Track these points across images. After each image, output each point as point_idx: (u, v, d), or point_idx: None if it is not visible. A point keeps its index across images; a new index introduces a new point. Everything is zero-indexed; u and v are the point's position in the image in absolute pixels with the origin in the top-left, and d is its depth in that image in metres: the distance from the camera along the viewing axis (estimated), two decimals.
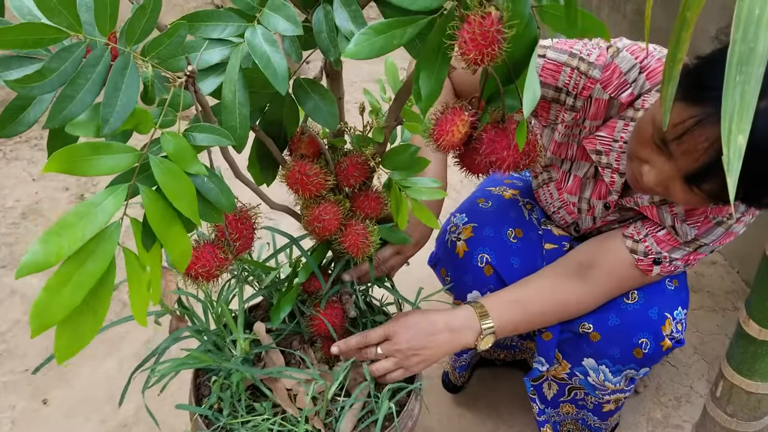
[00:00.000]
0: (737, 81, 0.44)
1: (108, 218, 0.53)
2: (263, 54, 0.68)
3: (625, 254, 1.08)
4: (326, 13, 0.72)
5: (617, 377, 1.14)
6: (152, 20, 0.51)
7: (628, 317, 1.10)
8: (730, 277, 1.86)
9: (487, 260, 1.18)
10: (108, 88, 0.50)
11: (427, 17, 0.64)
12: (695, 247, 1.05)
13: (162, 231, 0.55)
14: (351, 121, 0.89)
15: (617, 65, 1.01)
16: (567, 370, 1.22)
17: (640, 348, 1.10)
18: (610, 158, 1.07)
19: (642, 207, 1.08)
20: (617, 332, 1.11)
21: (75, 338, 0.50)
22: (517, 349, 1.44)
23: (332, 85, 0.86)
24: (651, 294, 1.12)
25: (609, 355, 1.13)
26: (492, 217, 1.22)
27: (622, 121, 1.04)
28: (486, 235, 1.20)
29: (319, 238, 0.89)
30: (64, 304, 0.48)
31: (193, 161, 0.56)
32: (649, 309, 1.10)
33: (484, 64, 0.62)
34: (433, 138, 0.74)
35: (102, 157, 0.52)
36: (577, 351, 1.18)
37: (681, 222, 1.04)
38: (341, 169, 0.88)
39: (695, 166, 0.85)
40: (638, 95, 1.02)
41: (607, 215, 1.16)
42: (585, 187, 1.16)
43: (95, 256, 0.52)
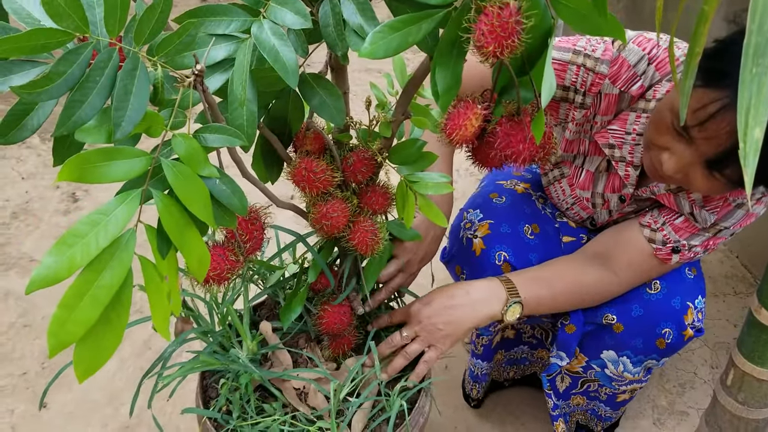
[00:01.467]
0: (753, 73, 0.43)
1: (122, 226, 0.51)
2: (272, 48, 0.65)
3: (644, 244, 1.07)
4: (333, 6, 0.70)
5: (637, 368, 1.14)
6: (162, 21, 0.49)
7: (651, 307, 1.10)
8: (730, 262, 1.86)
9: (505, 258, 1.16)
10: (118, 92, 0.48)
11: (442, 11, 0.62)
12: (715, 231, 1.04)
13: (178, 236, 0.53)
14: (355, 115, 0.87)
15: (625, 58, 0.99)
16: (582, 363, 1.21)
17: (663, 338, 1.09)
18: (623, 151, 1.06)
19: (659, 195, 1.07)
20: (641, 323, 1.10)
21: (95, 355, 0.48)
22: (527, 361, 1.42)
23: (337, 80, 0.84)
24: (673, 283, 1.11)
25: (631, 346, 1.12)
26: (507, 213, 1.21)
27: (634, 113, 1.02)
28: (503, 232, 1.18)
29: (326, 236, 0.87)
30: (82, 321, 0.46)
31: (206, 163, 0.54)
32: (672, 299, 1.10)
33: (504, 56, 0.60)
34: (446, 133, 0.72)
35: (114, 163, 0.49)
36: (597, 344, 1.17)
37: (699, 208, 1.03)
38: (348, 165, 0.86)
39: (717, 152, 0.84)
40: (649, 86, 1.00)
41: (623, 207, 1.15)
42: (597, 182, 1.15)
43: (111, 268, 0.50)
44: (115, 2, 0.45)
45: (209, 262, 0.56)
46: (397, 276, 1.04)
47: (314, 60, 0.75)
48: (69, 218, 2.02)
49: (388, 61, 0.89)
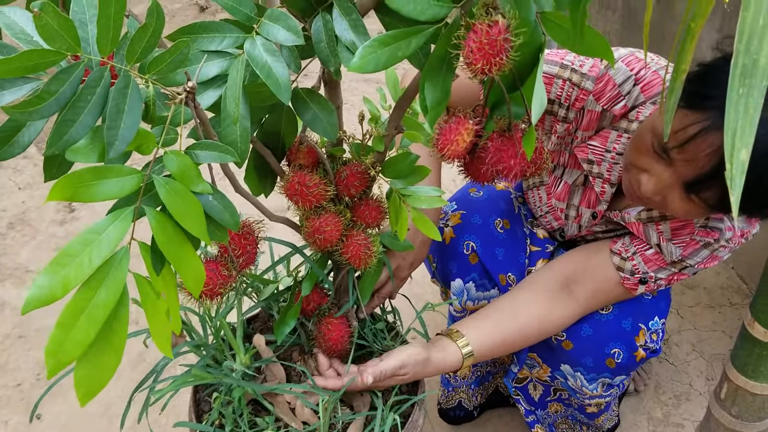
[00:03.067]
0: (740, 94, 0.43)
1: (115, 244, 0.51)
2: (264, 64, 0.66)
3: (612, 272, 1.07)
4: (325, 23, 0.71)
5: (593, 384, 1.14)
6: (154, 40, 0.49)
7: (601, 328, 1.10)
8: (726, 273, 1.87)
9: (473, 248, 1.18)
10: (110, 111, 0.48)
11: (432, 27, 0.63)
12: (680, 267, 1.04)
13: (172, 253, 0.54)
14: (348, 129, 0.88)
15: (611, 77, 0.99)
16: (548, 373, 1.22)
17: (612, 358, 1.09)
18: (601, 168, 1.06)
19: (628, 223, 1.07)
20: (590, 342, 1.10)
21: (96, 375, 0.48)
22: (491, 375, 1.41)
23: (330, 94, 0.84)
24: (625, 305, 1.12)
25: (582, 363, 1.12)
26: (482, 205, 1.22)
27: (616, 132, 1.02)
28: (473, 223, 1.20)
29: (320, 250, 0.87)
30: (80, 340, 0.46)
31: (198, 179, 0.55)
32: (623, 320, 1.10)
33: (492, 73, 0.60)
34: (437, 148, 0.72)
35: (105, 182, 0.50)
36: (553, 357, 1.18)
37: (666, 241, 1.03)
38: (341, 178, 0.86)
39: (696, 174, 0.84)
40: (632, 107, 1.00)
41: (593, 225, 1.16)
42: (573, 194, 1.15)
43: (106, 286, 0.50)
44: (108, 22, 0.46)
45: (204, 279, 0.56)
46: (387, 283, 1.04)
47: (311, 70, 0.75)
48: (65, 228, 2.02)
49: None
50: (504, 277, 1.19)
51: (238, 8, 0.68)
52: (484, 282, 1.21)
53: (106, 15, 0.46)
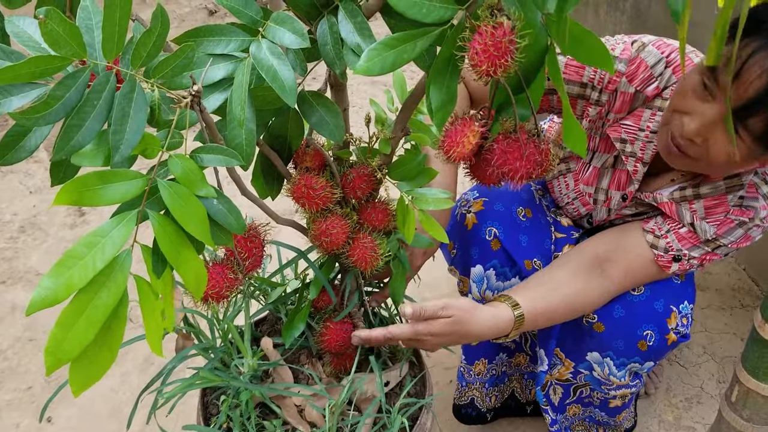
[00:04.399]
0: None
1: (118, 247, 0.51)
2: (270, 67, 0.66)
3: (645, 250, 1.07)
4: (331, 25, 0.71)
5: (621, 371, 1.13)
6: (159, 44, 0.49)
7: (633, 309, 1.09)
8: (737, 275, 1.85)
9: (495, 234, 1.17)
10: (116, 115, 0.48)
11: (437, 29, 0.63)
12: (714, 247, 1.04)
13: (174, 256, 0.54)
14: (356, 131, 0.88)
15: (643, 59, 1.02)
16: (571, 369, 1.21)
17: (644, 340, 1.09)
18: (635, 147, 1.07)
19: (660, 204, 1.07)
20: (622, 324, 1.10)
21: (89, 373, 0.49)
22: (506, 377, 1.40)
23: (337, 97, 0.84)
24: (657, 286, 1.11)
25: (613, 347, 1.12)
26: (503, 195, 1.22)
27: (650, 111, 1.04)
28: (496, 210, 1.19)
29: (326, 252, 0.87)
30: (78, 340, 0.47)
31: (203, 183, 0.55)
32: (655, 301, 1.10)
33: (497, 75, 0.60)
34: (443, 150, 0.72)
35: (111, 186, 0.50)
36: (580, 346, 1.17)
37: (700, 219, 1.03)
38: (347, 181, 0.86)
39: (745, 100, 0.84)
40: (664, 88, 1.02)
41: (623, 207, 1.15)
42: (602, 177, 1.16)
43: (107, 288, 0.50)
44: (113, 29, 0.46)
45: (206, 280, 0.56)
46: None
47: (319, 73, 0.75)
48: (75, 232, 2.04)
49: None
50: (530, 262, 1.18)
51: (244, 11, 0.68)
52: (505, 270, 1.20)
53: (111, 21, 0.46)
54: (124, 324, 0.51)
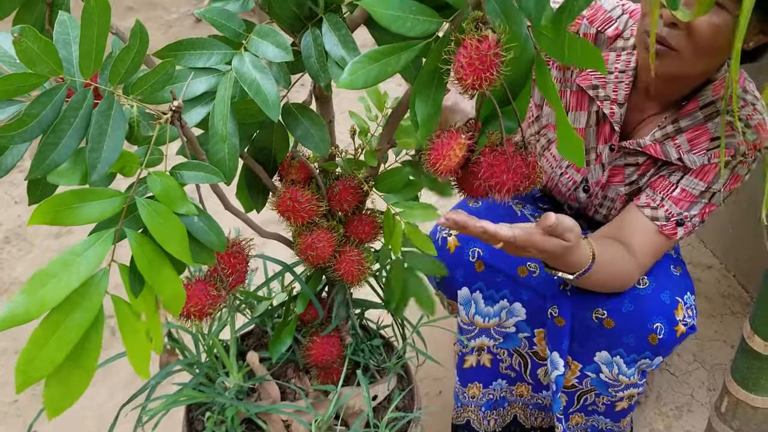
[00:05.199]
0: None
1: (94, 266, 0.50)
2: (253, 81, 0.65)
3: (648, 223, 1.09)
4: (315, 38, 0.70)
5: (631, 368, 1.13)
6: (138, 60, 0.48)
7: (642, 302, 1.09)
8: (727, 281, 1.85)
9: (479, 254, 1.17)
10: (93, 133, 0.47)
11: (422, 42, 0.62)
12: (709, 197, 1.07)
13: (151, 275, 0.53)
14: (341, 142, 0.87)
15: (601, 4, 1.10)
16: (577, 373, 1.19)
17: (655, 333, 1.09)
18: (607, 90, 1.11)
19: (645, 147, 1.10)
20: (632, 318, 1.09)
21: (64, 395, 0.48)
22: (506, 402, 1.36)
23: (322, 109, 0.83)
24: (661, 278, 1.12)
25: (624, 343, 1.11)
26: (482, 214, 1.20)
27: (614, 53, 1.09)
28: None
29: (313, 266, 0.86)
30: (50, 359, 0.46)
31: (183, 201, 0.54)
32: (661, 293, 1.10)
33: (482, 88, 0.59)
34: (430, 163, 0.71)
35: (87, 204, 0.49)
36: (589, 346, 1.15)
37: (687, 153, 1.06)
38: (334, 193, 0.85)
39: None
40: (623, 30, 1.09)
41: (614, 158, 1.16)
42: (588, 137, 1.17)
43: (82, 307, 0.49)
44: (90, 45, 0.45)
45: (185, 298, 0.55)
46: None
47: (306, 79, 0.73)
48: (60, 242, 2.01)
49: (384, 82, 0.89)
50: (523, 267, 1.17)
51: (226, 24, 0.67)
52: (492, 293, 1.19)
53: (89, 37, 0.45)
54: (99, 344, 0.50)
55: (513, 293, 1.19)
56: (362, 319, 1.07)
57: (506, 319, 1.21)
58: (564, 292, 1.15)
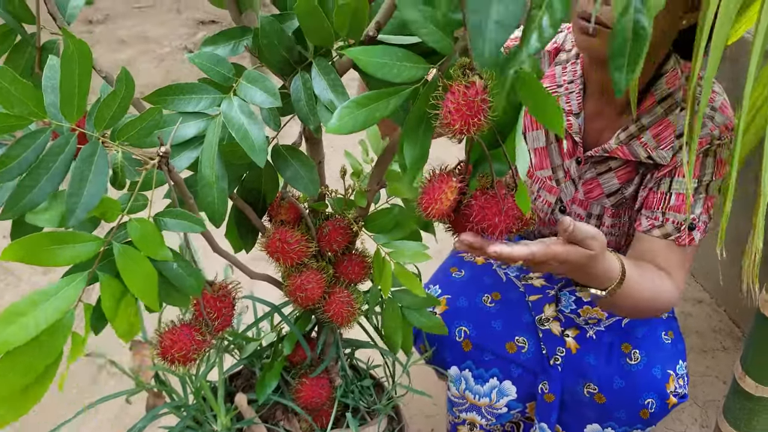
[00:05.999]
0: None
1: (64, 309, 0.50)
2: (240, 126, 0.65)
3: (662, 243, 1.05)
4: (304, 82, 0.70)
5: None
6: (124, 106, 0.48)
7: (633, 378, 1.08)
8: (717, 316, 1.85)
9: (466, 333, 1.16)
10: (74, 178, 0.47)
11: (410, 87, 0.62)
12: (704, 189, 1.04)
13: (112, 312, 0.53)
14: (331, 182, 0.87)
15: None
16: None
17: (646, 408, 1.07)
18: (560, 103, 1.10)
19: (612, 151, 1.08)
20: (623, 394, 1.08)
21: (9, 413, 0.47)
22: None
23: (312, 149, 0.83)
24: (652, 351, 1.10)
25: (615, 417, 1.10)
26: (465, 286, 1.20)
27: (560, 67, 1.10)
28: (460, 306, 1.18)
29: (302, 307, 0.85)
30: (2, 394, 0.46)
31: (160, 247, 0.53)
32: (653, 368, 1.08)
33: (470, 133, 0.60)
34: (422, 207, 0.71)
35: (63, 247, 0.48)
36: (579, 418, 1.14)
37: (654, 150, 1.05)
38: (323, 234, 0.85)
39: None
40: (562, 42, 1.11)
41: (583, 171, 1.13)
42: (551, 155, 1.16)
43: (44, 349, 0.50)
44: (71, 90, 0.45)
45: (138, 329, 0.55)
46: None
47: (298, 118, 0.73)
48: (48, 278, 1.99)
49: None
50: (512, 344, 1.16)
51: (215, 69, 0.67)
52: (481, 372, 1.18)
53: (69, 82, 0.45)
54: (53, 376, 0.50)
55: (502, 371, 1.18)
56: (352, 359, 1.06)
57: (497, 399, 1.19)
58: (554, 368, 1.14)
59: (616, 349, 1.12)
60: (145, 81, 3.34)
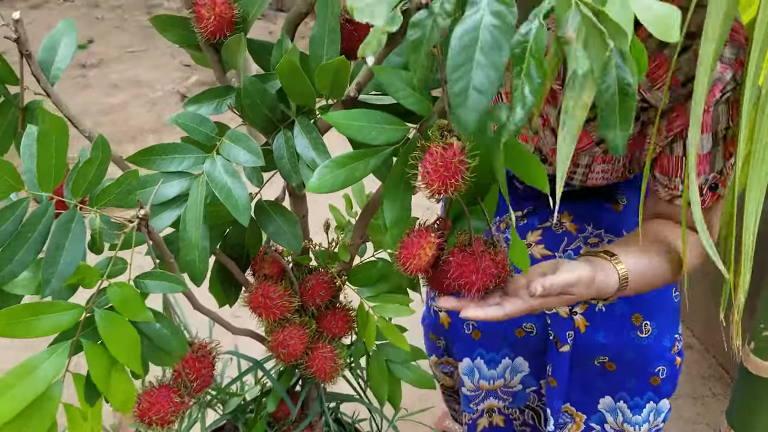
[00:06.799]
0: None
1: (50, 380, 0.49)
2: (224, 186, 0.66)
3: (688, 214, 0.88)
4: (287, 139, 0.71)
5: (636, 416, 1.10)
6: (100, 173, 0.49)
7: (644, 351, 1.07)
8: (707, 362, 1.84)
9: (474, 325, 1.15)
10: (50, 248, 0.47)
11: (389, 148, 0.63)
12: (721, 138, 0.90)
13: (106, 384, 0.52)
14: (316, 231, 0.87)
15: None
16: (582, 426, 1.16)
17: (657, 376, 1.07)
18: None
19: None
20: (634, 364, 1.07)
21: None
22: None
23: (295, 204, 0.84)
24: (663, 320, 1.08)
25: (626, 387, 1.09)
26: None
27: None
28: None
29: (285, 363, 0.85)
30: None
31: (141, 310, 0.53)
32: (663, 339, 1.08)
33: (448, 194, 0.60)
34: (400, 262, 0.71)
35: (43, 318, 0.48)
36: (591, 392, 1.12)
37: (648, 90, 0.91)
38: (306, 288, 0.84)
39: None
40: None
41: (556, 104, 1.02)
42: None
43: (35, 420, 0.48)
44: (48, 165, 0.46)
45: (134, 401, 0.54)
46: None
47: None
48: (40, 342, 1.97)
49: None
50: (520, 330, 1.14)
51: (199, 129, 0.68)
52: (492, 356, 1.17)
53: (46, 158, 0.46)
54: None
55: (513, 350, 1.16)
56: (337, 413, 1.04)
57: (511, 378, 1.18)
58: (562, 355, 1.10)
59: (627, 321, 1.09)
60: (137, 124, 3.37)
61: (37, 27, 4.75)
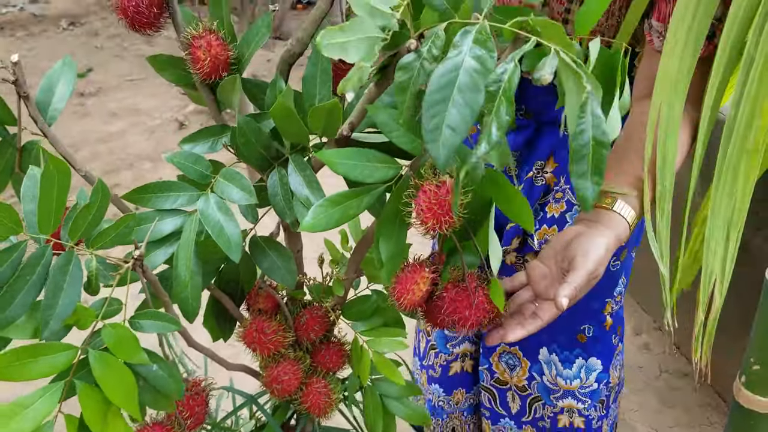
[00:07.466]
0: None
1: (40, 420, 0.49)
2: (216, 223, 0.66)
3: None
4: (281, 177, 0.72)
5: (567, 369, 1.14)
6: (99, 216, 0.49)
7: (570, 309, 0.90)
8: (704, 390, 1.84)
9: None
10: (49, 290, 0.48)
11: (383, 185, 0.64)
12: None
13: (100, 426, 0.52)
14: (310, 266, 0.87)
15: None
16: (527, 373, 1.18)
17: (583, 333, 1.11)
18: None
19: None
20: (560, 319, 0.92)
21: None
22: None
23: (290, 239, 0.84)
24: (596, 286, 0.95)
25: (556, 339, 1.13)
26: None
27: None
28: None
29: (279, 399, 0.84)
30: None
31: (136, 351, 0.53)
32: (591, 301, 1.10)
33: (442, 230, 0.61)
34: (394, 296, 0.72)
35: (38, 360, 0.48)
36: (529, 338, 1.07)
37: None
38: (301, 323, 0.85)
39: None
40: None
41: None
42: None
43: None
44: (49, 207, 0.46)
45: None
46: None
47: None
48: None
49: None
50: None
51: (193, 167, 0.69)
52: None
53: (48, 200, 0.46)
54: None
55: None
56: None
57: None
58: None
59: None
60: (135, 152, 3.38)
61: (37, 56, 4.79)
